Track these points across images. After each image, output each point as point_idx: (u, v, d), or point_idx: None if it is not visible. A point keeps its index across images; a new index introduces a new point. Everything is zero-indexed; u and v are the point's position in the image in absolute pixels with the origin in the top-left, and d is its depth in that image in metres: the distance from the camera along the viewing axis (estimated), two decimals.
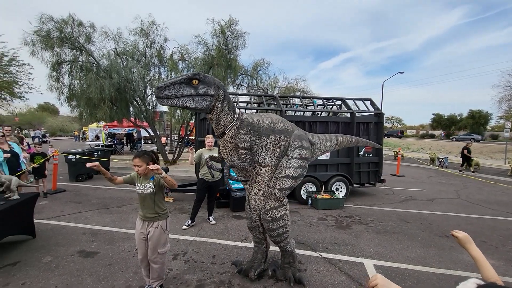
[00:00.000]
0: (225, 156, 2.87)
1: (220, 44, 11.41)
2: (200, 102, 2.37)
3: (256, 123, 2.80)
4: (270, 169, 2.90)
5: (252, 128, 2.74)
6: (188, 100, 2.31)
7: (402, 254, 3.90)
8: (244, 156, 2.69)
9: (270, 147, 2.85)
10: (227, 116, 2.59)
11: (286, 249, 3.07)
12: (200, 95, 2.36)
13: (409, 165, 15.12)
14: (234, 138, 2.66)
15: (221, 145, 2.82)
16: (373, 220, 5.33)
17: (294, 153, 2.94)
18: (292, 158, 2.91)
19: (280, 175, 2.88)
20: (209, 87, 2.40)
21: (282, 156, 2.95)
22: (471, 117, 39.40)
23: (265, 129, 2.83)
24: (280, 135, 2.91)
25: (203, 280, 3.04)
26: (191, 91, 2.31)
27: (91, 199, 6.39)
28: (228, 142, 2.70)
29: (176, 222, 4.91)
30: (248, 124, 2.73)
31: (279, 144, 2.90)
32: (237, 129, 2.65)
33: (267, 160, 2.86)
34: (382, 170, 7.25)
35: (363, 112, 7.00)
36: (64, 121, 50.39)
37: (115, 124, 14.97)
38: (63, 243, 3.93)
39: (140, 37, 11.70)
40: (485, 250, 4.06)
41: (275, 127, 2.91)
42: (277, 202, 2.94)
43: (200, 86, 2.35)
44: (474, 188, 8.99)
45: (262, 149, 2.82)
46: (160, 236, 2.67)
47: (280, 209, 2.95)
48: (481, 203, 6.90)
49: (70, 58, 10.73)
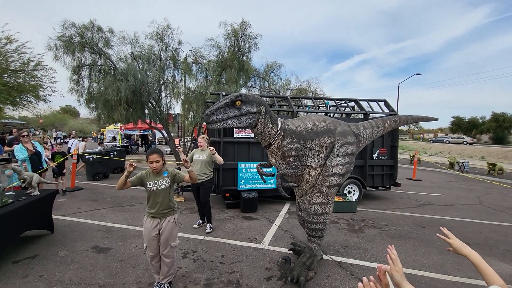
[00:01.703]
0: (274, 164, 3.06)
1: (232, 46, 11.53)
2: (244, 121, 2.58)
3: (299, 130, 2.96)
4: (318, 170, 3.06)
5: (296, 135, 2.90)
6: (234, 120, 2.53)
7: (418, 260, 3.74)
8: (293, 163, 2.87)
9: (316, 150, 3.00)
10: (271, 129, 2.77)
11: (312, 247, 3.16)
12: (244, 114, 2.56)
13: (426, 169, 14.56)
14: (281, 147, 2.85)
15: (269, 155, 3.02)
16: (387, 225, 5.16)
17: (340, 151, 3.06)
18: (339, 156, 3.04)
19: (327, 173, 3.02)
20: (251, 105, 2.59)
21: (329, 155, 3.08)
22: (494, 120, 37.58)
23: (308, 133, 2.98)
24: (324, 136, 3.05)
25: (211, 279, 3.04)
26: (235, 112, 2.53)
27: (106, 197, 6.59)
28: (276, 152, 2.90)
29: (187, 221, 4.97)
30: (292, 132, 2.89)
31: (324, 146, 3.04)
32: (282, 139, 2.83)
33: (314, 163, 3.01)
34: (397, 173, 7.02)
35: (377, 113, 6.83)
36: (84, 123, 52.41)
37: (130, 126, 15.41)
38: (79, 239, 4.05)
39: (156, 41, 12.01)
40: (510, 259, 3.83)
41: (318, 129, 3.06)
42: (323, 198, 3.09)
43: (243, 106, 2.56)
44: (498, 194, 8.53)
45: (308, 153, 2.98)
46: (172, 230, 2.75)
47: (323, 206, 3.09)
48: (506, 210, 6.53)
49: (90, 62, 11.18)
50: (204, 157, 4.54)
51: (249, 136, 5.96)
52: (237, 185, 5.83)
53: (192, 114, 11.68)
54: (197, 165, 4.53)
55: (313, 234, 3.14)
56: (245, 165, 5.87)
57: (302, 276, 2.96)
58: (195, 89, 11.38)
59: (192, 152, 4.77)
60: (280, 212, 5.73)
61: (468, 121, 41.67)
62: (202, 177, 4.47)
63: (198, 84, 11.58)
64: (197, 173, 4.47)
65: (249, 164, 5.89)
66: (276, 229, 4.74)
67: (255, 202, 5.68)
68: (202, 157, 4.54)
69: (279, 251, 3.84)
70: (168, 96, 12.49)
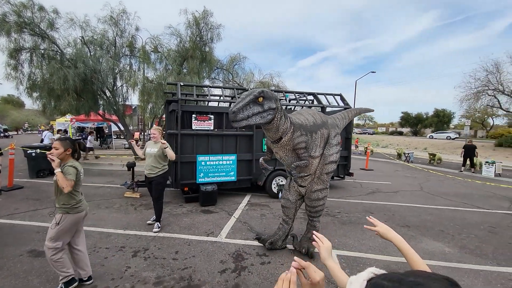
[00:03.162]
0: (282, 157, 3.21)
1: (194, 35, 11.11)
2: (266, 117, 2.65)
3: (304, 124, 3.16)
4: (318, 159, 3.37)
5: (304, 129, 3.10)
6: (257, 117, 2.59)
7: (364, 244, 4.03)
8: (303, 155, 3.08)
9: (318, 141, 3.28)
10: (284, 123, 2.89)
11: (315, 225, 3.61)
12: (266, 110, 2.63)
13: (378, 160, 15.79)
14: (292, 140, 3.00)
15: (277, 148, 3.12)
16: (340, 212, 5.48)
17: (334, 141, 3.47)
18: (333, 146, 3.44)
19: (326, 162, 3.38)
20: (271, 101, 2.65)
21: (325, 145, 3.41)
22: (436, 116, 41.87)
23: (311, 126, 3.22)
24: (322, 128, 3.34)
25: (162, 277, 2.93)
26: (259, 109, 2.58)
27: (51, 196, 5.97)
28: (286, 145, 3.04)
29: (141, 218, 4.73)
30: (299, 126, 3.07)
31: (323, 137, 3.35)
32: (293, 132, 2.99)
33: (317, 153, 3.30)
34: (351, 164, 7.47)
35: (333, 107, 7.14)
36: (30, 114, 46.85)
37: (82, 118, 14.15)
38: (12, 243, 3.62)
39: (110, 25, 11.07)
40: (443, 238, 4.31)
41: (317, 122, 3.32)
42: (322, 184, 3.45)
43: (265, 102, 2.62)
44: (436, 181, 9.57)
45: (313, 144, 3.23)
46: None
47: (323, 191, 3.48)
48: (442, 195, 7.35)
49: (31, 45, 9.91)
50: (155, 151, 4.23)
51: (208, 128, 5.82)
52: (196, 178, 5.69)
53: (151, 106, 11.09)
54: (148, 159, 4.27)
55: (315, 215, 3.56)
56: (205, 158, 5.75)
57: (311, 248, 3.45)
58: (154, 79, 10.79)
59: (145, 145, 4.50)
60: (240, 205, 5.74)
61: (414, 116, 45.82)
62: (153, 171, 4.21)
63: (158, 74, 10.98)
64: (148, 168, 4.24)
65: (208, 157, 5.78)
66: (234, 221, 4.74)
67: (214, 195, 5.61)
68: (153, 151, 4.25)
69: (236, 243, 3.85)
70: (124, 86, 11.67)
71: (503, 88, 19.71)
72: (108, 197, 6.08)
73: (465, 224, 5.02)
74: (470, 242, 4.20)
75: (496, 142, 21.00)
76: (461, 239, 4.34)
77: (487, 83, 20.30)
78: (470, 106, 22.35)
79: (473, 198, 7.08)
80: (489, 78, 20.10)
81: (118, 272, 3.00)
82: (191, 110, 5.75)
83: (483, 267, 3.44)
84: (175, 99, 5.88)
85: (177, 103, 5.51)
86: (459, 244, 4.14)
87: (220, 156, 5.88)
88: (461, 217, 5.46)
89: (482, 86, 20.56)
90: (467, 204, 6.49)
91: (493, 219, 5.37)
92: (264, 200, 6.15)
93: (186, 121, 5.67)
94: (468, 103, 21.75)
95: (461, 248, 4.00)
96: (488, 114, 30.11)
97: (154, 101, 10.46)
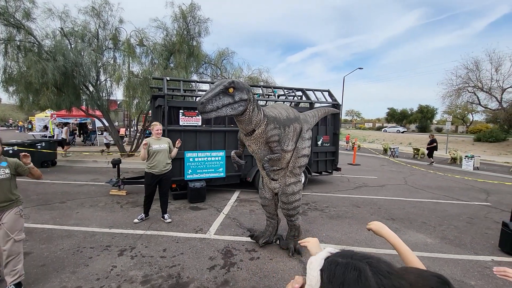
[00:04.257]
0: (255, 150, 3.14)
1: (181, 29, 10.85)
2: (237, 108, 2.57)
3: (278, 117, 3.13)
4: (290, 153, 3.35)
5: (277, 122, 3.07)
6: (228, 108, 2.50)
7: (351, 237, 4.12)
8: (276, 148, 3.04)
9: (291, 135, 3.27)
10: (257, 115, 2.83)
11: (295, 224, 3.54)
12: (237, 101, 2.54)
13: (364, 155, 16.14)
14: (265, 133, 2.95)
15: (250, 141, 3.05)
16: (327, 206, 5.57)
17: (306, 135, 3.48)
18: (305, 140, 3.46)
19: (298, 155, 3.38)
20: (242, 92, 2.58)
21: (298, 139, 3.40)
22: (420, 112, 43.16)
23: (285, 120, 3.20)
24: (295, 123, 3.34)
25: (149, 276, 2.88)
26: (229, 100, 2.49)
27: (30, 195, 5.74)
28: (259, 138, 2.98)
29: (127, 216, 4.62)
30: (273, 119, 3.03)
31: (296, 131, 3.35)
32: (266, 125, 2.94)
33: (289, 147, 3.28)
34: (339, 159, 7.60)
35: (321, 102, 7.20)
36: (6, 109, 44.67)
37: (64, 113, 13.62)
38: None
39: (92, 17, 10.62)
40: (425, 230, 4.47)
41: (290, 117, 3.31)
42: (295, 178, 3.45)
43: (236, 93, 2.53)
44: (419, 175, 9.90)
45: (286, 138, 3.21)
46: (16, 222, 2.54)
47: (297, 184, 3.46)
48: (425, 188, 7.61)
49: (5, 36, 9.36)
50: (166, 146, 4.26)
51: (196, 124, 5.74)
52: (184, 175, 5.61)
53: (136, 101, 10.79)
54: (159, 156, 4.16)
55: (292, 213, 3.47)
56: (192, 154, 5.67)
57: (297, 245, 3.42)
58: (140, 73, 10.48)
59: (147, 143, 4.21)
60: (229, 201, 5.72)
61: (400, 112, 47.05)
62: (165, 167, 4.26)
63: (143, 68, 10.66)
64: (161, 165, 4.19)
65: (196, 153, 5.70)
66: (223, 217, 4.72)
67: (203, 192, 5.55)
68: (164, 146, 4.23)
69: (225, 239, 3.84)
70: (108, 80, 11.26)
71: (482, 85, 20.53)
72: (93, 195, 5.90)
73: (445, 216, 5.22)
74: (450, 233, 4.37)
75: (474, 137, 21.90)
76: (442, 230, 4.51)
77: (467, 80, 21.08)
78: (452, 102, 23.14)
79: (453, 191, 7.38)
80: (469, 75, 20.87)
81: (104, 272, 2.92)
82: (178, 105, 5.63)
83: (462, 256, 3.60)
84: (161, 94, 5.74)
85: (163, 98, 5.39)
86: (440, 235, 4.31)
87: (208, 153, 5.82)
88: (442, 209, 5.68)
89: (463, 83, 21.33)
90: (448, 196, 6.75)
91: (471, 211, 5.61)
92: (253, 196, 6.16)
93: (173, 117, 5.56)
94: (450, 100, 22.52)
95: (442, 239, 4.16)
96: (468, 110, 31.27)
97: (139, 96, 10.17)
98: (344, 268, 0.57)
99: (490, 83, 20.24)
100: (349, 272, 0.56)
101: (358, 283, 0.54)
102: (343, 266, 0.58)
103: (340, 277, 0.56)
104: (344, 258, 0.60)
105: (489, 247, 3.90)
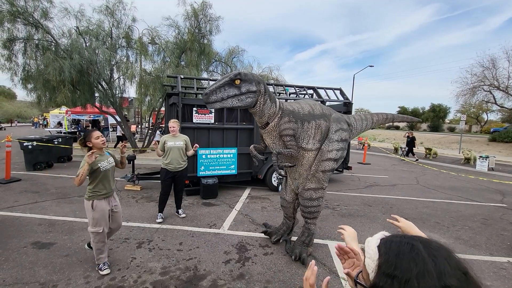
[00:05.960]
0: (269, 144, 3.07)
1: (192, 27, 10.96)
2: (244, 100, 2.56)
3: (297, 111, 2.99)
4: (313, 153, 3.11)
5: (294, 115, 2.93)
6: (234, 100, 2.50)
7: (363, 235, 4.13)
8: (289, 143, 2.89)
9: (312, 132, 3.04)
10: (270, 107, 2.78)
11: (309, 228, 3.32)
12: (244, 93, 2.54)
13: (375, 154, 15.96)
14: (278, 126, 2.87)
15: (265, 135, 3.02)
16: (339, 205, 5.58)
17: (335, 136, 3.14)
18: (334, 141, 3.11)
19: (323, 158, 3.09)
20: (250, 84, 2.57)
21: (324, 139, 3.14)
22: (432, 111, 42.26)
23: (305, 115, 3.02)
24: (320, 119, 3.10)
25: (168, 267, 2.99)
26: (235, 91, 2.50)
27: (50, 189, 5.96)
28: (272, 131, 2.92)
29: (143, 210, 4.76)
30: (290, 112, 2.92)
31: (320, 129, 3.10)
32: (280, 118, 2.86)
33: (309, 145, 3.06)
34: (349, 158, 7.56)
35: (333, 101, 7.18)
36: (22, 106, 46.01)
37: (78, 110, 13.98)
38: (15, 235, 3.63)
39: (106, 15, 10.85)
40: (438, 230, 4.44)
41: (314, 113, 3.10)
42: (317, 184, 3.16)
43: (243, 85, 2.53)
44: (432, 175, 9.75)
45: (305, 134, 3.01)
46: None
47: (318, 191, 3.18)
48: (437, 188, 7.51)
49: (24, 35, 9.68)
50: (181, 144, 4.29)
51: (208, 121, 5.83)
52: (197, 171, 5.72)
53: (148, 99, 10.99)
54: (173, 153, 4.23)
55: (308, 216, 3.27)
56: (205, 151, 5.77)
57: (303, 253, 3.19)
58: (152, 71, 10.66)
59: (162, 139, 4.35)
60: (240, 197, 5.80)
61: (411, 111, 46.21)
62: (180, 165, 4.31)
63: (155, 66, 10.84)
64: (176, 162, 4.27)
65: (209, 150, 5.80)
66: (236, 214, 4.80)
67: (215, 188, 5.65)
68: (179, 144, 4.27)
69: (239, 235, 3.92)
70: (121, 78, 11.50)
71: (498, 83, 19.93)
72: None
73: (459, 216, 5.16)
74: (465, 234, 4.33)
75: (490, 137, 21.33)
76: (456, 230, 4.47)
77: (483, 79, 20.50)
78: (466, 101, 22.57)
79: (467, 192, 7.25)
80: (485, 73, 20.29)
81: (124, 263, 3.05)
82: (192, 103, 5.73)
83: (477, 257, 3.57)
84: (175, 92, 5.85)
85: (177, 96, 5.49)
86: (454, 235, 4.27)
87: (220, 150, 5.91)
88: (455, 209, 5.61)
89: (478, 82, 20.76)
90: (461, 197, 6.65)
91: (486, 212, 5.52)
92: (264, 193, 6.22)
93: (186, 114, 5.66)
94: (464, 98, 21.97)
95: (456, 239, 4.13)
96: (483, 109, 30.44)
97: (151, 94, 10.36)
98: (399, 243, 0.67)
99: (507, 81, 19.64)
100: (403, 246, 0.65)
101: (411, 253, 0.62)
102: (398, 242, 0.67)
103: (395, 250, 0.65)
104: (398, 238, 0.70)
105: (505, 249, 3.85)
